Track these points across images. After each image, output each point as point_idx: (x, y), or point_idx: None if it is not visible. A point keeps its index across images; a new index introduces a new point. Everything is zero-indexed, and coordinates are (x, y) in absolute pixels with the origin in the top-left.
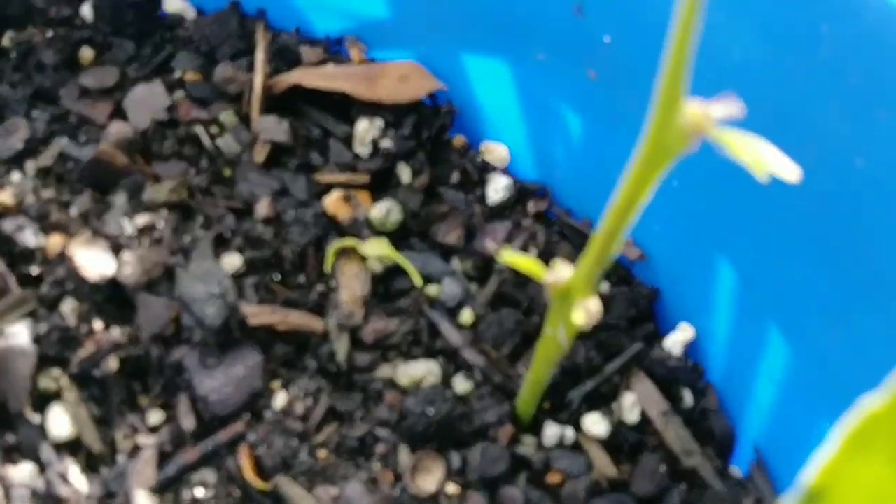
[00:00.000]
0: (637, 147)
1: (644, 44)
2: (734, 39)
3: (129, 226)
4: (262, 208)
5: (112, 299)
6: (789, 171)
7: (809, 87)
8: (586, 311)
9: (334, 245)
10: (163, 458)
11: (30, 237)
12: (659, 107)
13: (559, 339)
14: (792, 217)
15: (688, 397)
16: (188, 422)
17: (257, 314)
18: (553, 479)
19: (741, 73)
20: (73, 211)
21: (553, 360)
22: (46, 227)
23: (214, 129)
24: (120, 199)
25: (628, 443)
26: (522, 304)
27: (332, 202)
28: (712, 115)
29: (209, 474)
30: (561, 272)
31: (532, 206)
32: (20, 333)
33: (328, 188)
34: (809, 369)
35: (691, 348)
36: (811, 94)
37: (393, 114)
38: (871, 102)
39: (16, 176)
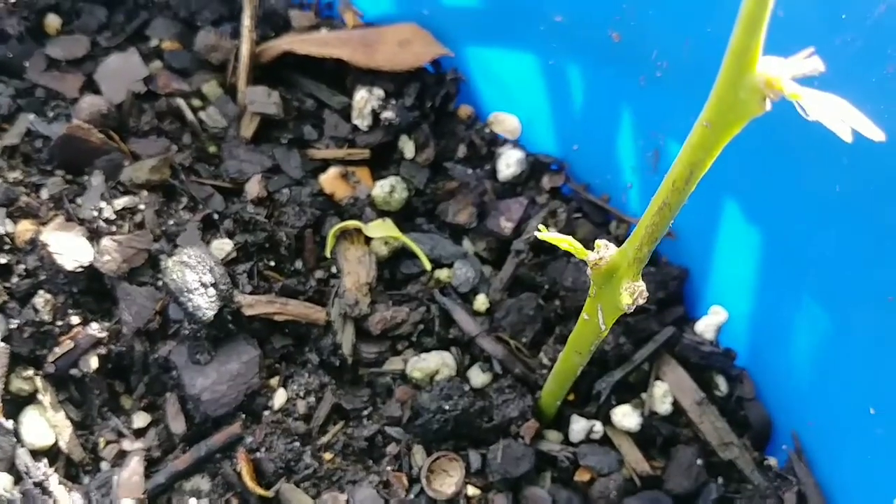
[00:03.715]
0: (703, 110)
1: None
2: None
3: (108, 209)
4: (253, 188)
5: (90, 291)
6: (873, 133)
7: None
8: (632, 293)
9: (336, 227)
10: (151, 464)
11: None
12: (729, 64)
13: (599, 324)
14: (836, 188)
15: (722, 384)
16: (178, 424)
17: (253, 304)
18: (582, 477)
19: (806, 28)
20: (44, 194)
21: (589, 348)
22: (15, 212)
23: (197, 102)
24: (96, 179)
25: (661, 436)
26: (542, 288)
27: (329, 180)
28: (791, 73)
29: (203, 482)
30: (605, 251)
31: (547, 182)
32: None
33: (324, 165)
34: (851, 351)
35: (724, 332)
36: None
37: (393, 82)
38: None
39: None
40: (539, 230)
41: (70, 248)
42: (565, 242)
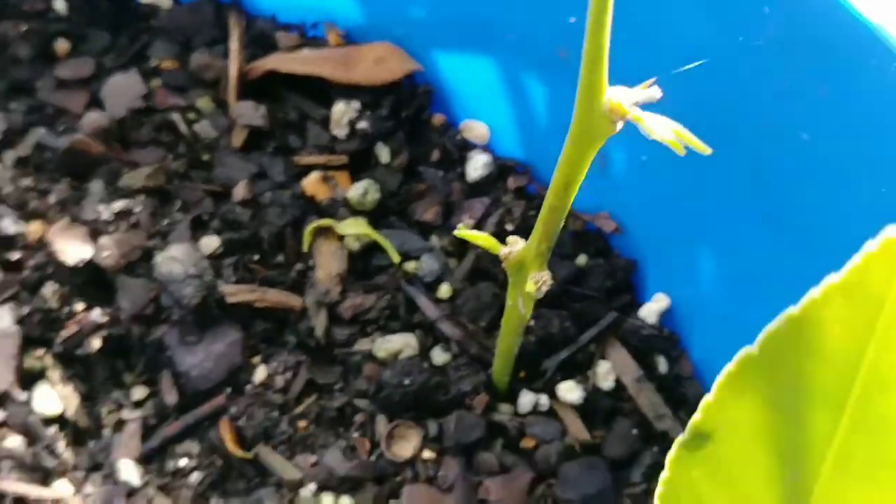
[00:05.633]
0: (569, 131)
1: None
2: (680, 17)
3: (106, 211)
4: (240, 191)
5: (92, 282)
6: (701, 148)
7: (755, 64)
8: (536, 282)
9: (311, 225)
10: (147, 430)
11: (10, 224)
12: (581, 95)
13: (520, 309)
14: (757, 188)
15: (662, 364)
16: (171, 396)
17: (235, 293)
18: (527, 444)
19: (688, 50)
20: (52, 198)
21: (517, 330)
22: (26, 214)
23: (192, 115)
24: (96, 186)
25: (602, 409)
26: (499, 278)
27: (311, 183)
28: (632, 100)
29: (192, 445)
30: (514, 246)
31: (512, 182)
32: (3, 316)
33: (307, 170)
34: None
35: (668, 317)
36: (758, 71)
37: (370, 95)
38: (814, 79)
39: None
40: (458, 229)
41: (73, 246)
42: (480, 239)
